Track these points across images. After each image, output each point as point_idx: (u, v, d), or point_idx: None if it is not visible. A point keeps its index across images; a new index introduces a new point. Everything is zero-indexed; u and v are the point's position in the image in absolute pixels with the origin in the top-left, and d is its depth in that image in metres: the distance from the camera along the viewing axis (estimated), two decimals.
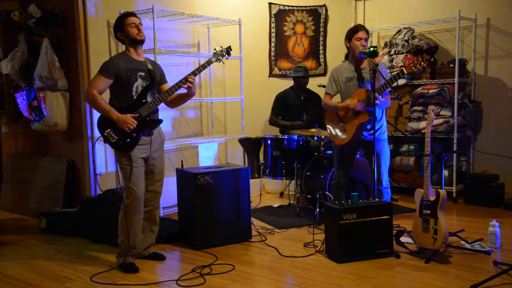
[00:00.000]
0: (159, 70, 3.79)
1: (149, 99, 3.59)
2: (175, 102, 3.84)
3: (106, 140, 3.56)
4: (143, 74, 3.60)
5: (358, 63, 4.30)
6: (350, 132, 4.24)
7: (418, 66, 3.92)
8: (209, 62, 3.71)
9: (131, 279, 3.42)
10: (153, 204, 3.81)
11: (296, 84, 5.94)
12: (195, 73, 3.64)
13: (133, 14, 3.66)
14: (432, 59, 5.86)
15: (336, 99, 4.42)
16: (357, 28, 4.27)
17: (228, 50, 3.75)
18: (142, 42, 3.63)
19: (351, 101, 4.17)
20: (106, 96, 3.59)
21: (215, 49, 3.78)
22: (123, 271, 3.57)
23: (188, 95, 3.75)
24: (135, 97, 3.56)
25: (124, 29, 3.58)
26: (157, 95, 3.65)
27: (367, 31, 4.26)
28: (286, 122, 5.86)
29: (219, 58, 3.75)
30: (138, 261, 3.68)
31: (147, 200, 3.75)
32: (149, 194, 3.75)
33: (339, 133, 4.36)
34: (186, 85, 3.60)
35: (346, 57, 4.45)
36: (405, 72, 3.96)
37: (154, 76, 3.64)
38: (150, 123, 3.61)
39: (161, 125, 3.74)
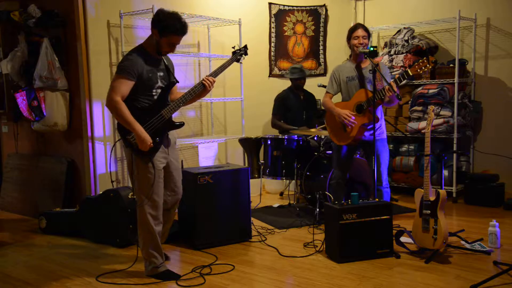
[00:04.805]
0: (172, 65, 3.56)
1: (168, 99, 3.45)
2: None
3: (130, 144, 3.31)
4: (162, 74, 3.40)
5: (359, 62, 4.29)
6: (352, 133, 4.24)
7: (423, 68, 3.82)
8: (230, 62, 3.61)
9: (131, 279, 3.41)
10: (174, 208, 3.69)
11: (294, 85, 5.95)
12: (216, 73, 3.52)
13: (182, 31, 3.30)
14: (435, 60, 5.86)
15: (337, 98, 4.42)
16: (355, 27, 4.27)
17: (245, 50, 3.73)
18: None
19: (344, 111, 4.19)
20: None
21: (233, 47, 3.74)
22: (162, 280, 3.39)
23: (205, 92, 3.50)
24: (156, 98, 3.35)
25: (162, 37, 3.28)
26: (181, 95, 3.43)
27: (366, 29, 4.24)
28: (289, 126, 5.77)
29: (238, 58, 3.69)
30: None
31: (169, 203, 3.61)
32: (172, 197, 3.61)
33: (340, 133, 4.35)
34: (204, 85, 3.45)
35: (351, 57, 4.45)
36: (410, 73, 3.87)
37: (171, 74, 3.48)
38: (172, 126, 3.42)
39: None
